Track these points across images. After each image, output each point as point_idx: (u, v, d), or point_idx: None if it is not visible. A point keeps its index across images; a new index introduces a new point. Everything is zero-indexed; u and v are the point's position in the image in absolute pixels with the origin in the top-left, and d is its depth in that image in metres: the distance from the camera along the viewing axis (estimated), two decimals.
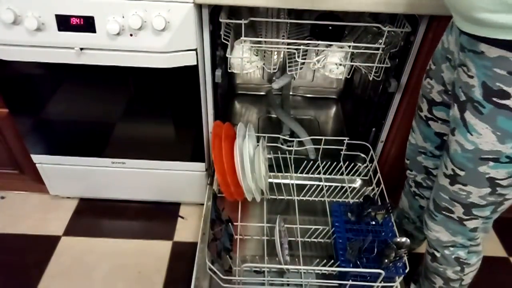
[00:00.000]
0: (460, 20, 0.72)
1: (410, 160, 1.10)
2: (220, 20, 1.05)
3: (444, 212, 0.90)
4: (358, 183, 1.34)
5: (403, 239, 1.01)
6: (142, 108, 1.18)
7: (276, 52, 1.15)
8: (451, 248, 0.96)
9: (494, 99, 0.69)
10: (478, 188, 0.80)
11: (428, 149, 1.02)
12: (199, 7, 0.99)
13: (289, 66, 1.15)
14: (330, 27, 1.08)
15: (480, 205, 0.83)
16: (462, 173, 0.81)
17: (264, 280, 1.03)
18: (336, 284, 1.05)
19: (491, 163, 0.75)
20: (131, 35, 0.99)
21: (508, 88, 0.67)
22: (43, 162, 1.35)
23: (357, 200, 1.23)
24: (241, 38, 1.04)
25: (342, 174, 1.31)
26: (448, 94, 0.88)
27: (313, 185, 1.26)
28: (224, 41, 1.11)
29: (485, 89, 0.70)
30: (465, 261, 0.97)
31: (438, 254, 1.00)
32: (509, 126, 0.70)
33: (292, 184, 1.27)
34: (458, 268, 0.98)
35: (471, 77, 0.72)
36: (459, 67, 0.76)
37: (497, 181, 0.78)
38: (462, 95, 0.75)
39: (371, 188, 1.26)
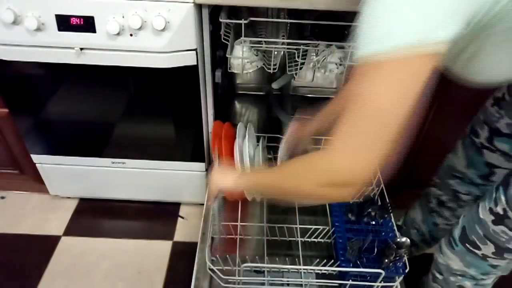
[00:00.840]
0: None
1: (440, 180, 1.06)
2: (220, 20, 1.05)
3: (468, 245, 0.84)
4: None
5: (403, 239, 1.01)
6: (142, 108, 1.18)
7: (276, 52, 1.15)
8: (459, 277, 0.91)
9: None
10: None
11: (469, 176, 0.97)
12: (199, 7, 0.99)
13: (289, 66, 1.15)
14: (330, 27, 1.08)
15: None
16: (501, 227, 0.76)
17: (264, 280, 1.03)
18: (336, 284, 1.05)
19: None
20: (131, 35, 0.99)
21: None
22: (43, 162, 1.35)
23: (357, 200, 1.23)
24: (241, 38, 1.04)
25: None
26: None
27: None
28: (224, 41, 1.11)
29: None
30: None
31: (440, 277, 0.95)
32: None
33: None
34: None
35: None
36: None
37: None
38: None
39: (371, 188, 1.26)
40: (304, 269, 1.06)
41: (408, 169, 1.33)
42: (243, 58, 1.09)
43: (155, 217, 1.48)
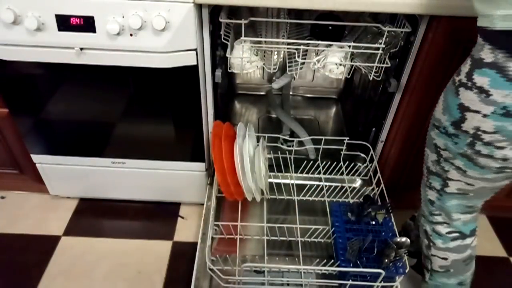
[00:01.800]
0: None
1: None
2: (220, 20, 1.05)
3: (423, 175, 0.97)
4: (358, 183, 1.34)
5: (403, 239, 1.01)
6: (142, 108, 1.18)
7: (276, 52, 1.15)
8: (423, 218, 1.01)
9: (454, 74, 0.79)
10: (430, 152, 0.90)
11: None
12: (199, 7, 0.99)
13: (289, 66, 1.16)
14: (330, 27, 1.08)
15: (432, 172, 0.91)
16: (428, 135, 0.91)
17: (264, 280, 1.03)
18: (336, 284, 1.05)
19: (435, 130, 0.86)
20: (131, 35, 0.99)
21: (463, 66, 0.76)
22: (43, 162, 1.35)
23: (357, 200, 1.23)
24: (241, 38, 1.04)
25: (342, 174, 1.31)
26: None
27: (313, 185, 1.26)
28: (224, 41, 1.11)
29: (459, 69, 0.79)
30: (431, 238, 1.00)
31: (419, 224, 1.06)
32: (450, 100, 0.79)
33: (292, 184, 1.27)
34: (426, 243, 1.02)
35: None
36: None
37: (439, 149, 0.86)
38: None
39: (371, 188, 1.26)
40: (304, 269, 1.06)
41: (408, 169, 1.33)
42: (243, 58, 1.09)
43: (155, 217, 1.48)
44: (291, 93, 1.74)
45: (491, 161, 0.77)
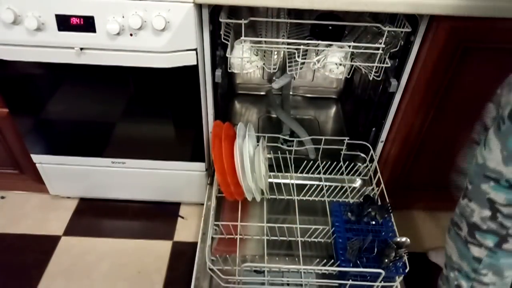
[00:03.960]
0: None
1: None
2: (220, 20, 1.05)
3: (455, 228, 0.88)
4: (358, 183, 1.34)
5: (403, 239, 1.01)
6: (142, 108, 1.18)
7: (276, 52, 1.15)
8: (457, 273, 0.91)
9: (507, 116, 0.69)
10: (479, 207, 0.79)
11: None
12: (199, 7, 0.99)
13: (289, 66, 1.16)
14: (330, 27, 1.08)
15: (482, 229, 0.81)
16: (470, 187, 0.80)
17: (264, 280, 1.03)
18: (336, 284, 1.05)
19: (491, 183, 0.75)
20: (131, 35, 0.99)
21: None
22: (43, 162, 1.35)
23: (357, 200, 1.23)
24: (241, 38, 1.04)
25: (342, 174, 1.31)
26: None
27: (313, 185, 1.26)
28: (224, 41, 1.11)
29: None
30: None
31: (445, 273, 0.96)
32: None
33: (292, 184, 1.27)
34: None
35: None
36: None
37: (496, 205, 0.76)
38: (499, 112, 0.74)
39: (371, 188, 1.26)
40: (304, 269, 1.06)
41: (408, 169, 1.33)
42: (243, 58, 1.09)
43: (155, 217, 1.48)
44: (291, 93, 1.74)
45: None
